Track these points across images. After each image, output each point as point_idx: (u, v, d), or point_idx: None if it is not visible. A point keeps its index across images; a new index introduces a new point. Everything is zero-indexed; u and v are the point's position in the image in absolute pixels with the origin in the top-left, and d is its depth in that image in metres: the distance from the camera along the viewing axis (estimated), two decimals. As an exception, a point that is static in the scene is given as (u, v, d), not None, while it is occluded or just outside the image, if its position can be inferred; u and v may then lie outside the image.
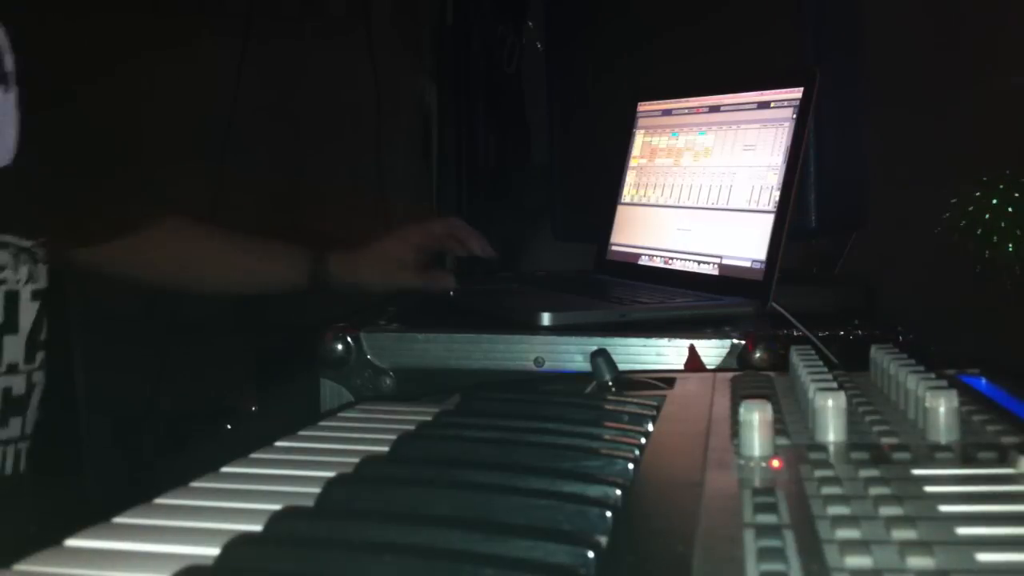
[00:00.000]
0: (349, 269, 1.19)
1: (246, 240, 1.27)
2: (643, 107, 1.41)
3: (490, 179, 2.01)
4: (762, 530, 0.41)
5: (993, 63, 1.90)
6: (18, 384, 1.00)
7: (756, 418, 0.53)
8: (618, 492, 0.46)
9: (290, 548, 0.41)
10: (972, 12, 1.90)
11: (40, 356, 1.02)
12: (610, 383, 0.74)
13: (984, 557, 0.38)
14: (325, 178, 2.00)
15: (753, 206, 1.15)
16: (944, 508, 0.44)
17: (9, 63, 0.97)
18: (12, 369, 0.99)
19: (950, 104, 1.91)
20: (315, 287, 1.19)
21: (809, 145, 1.16)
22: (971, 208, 1.45)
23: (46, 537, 0.43)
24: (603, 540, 0.42)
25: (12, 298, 0.98)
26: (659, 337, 0.98)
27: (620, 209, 1.39)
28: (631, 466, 0.51)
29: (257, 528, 0.43)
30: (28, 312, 1.00)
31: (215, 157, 1.86)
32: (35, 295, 1.01)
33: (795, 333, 1.11)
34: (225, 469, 0.54)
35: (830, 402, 0.56)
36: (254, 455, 0.57)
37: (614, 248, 1.38)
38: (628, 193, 1.38)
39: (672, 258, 1.26)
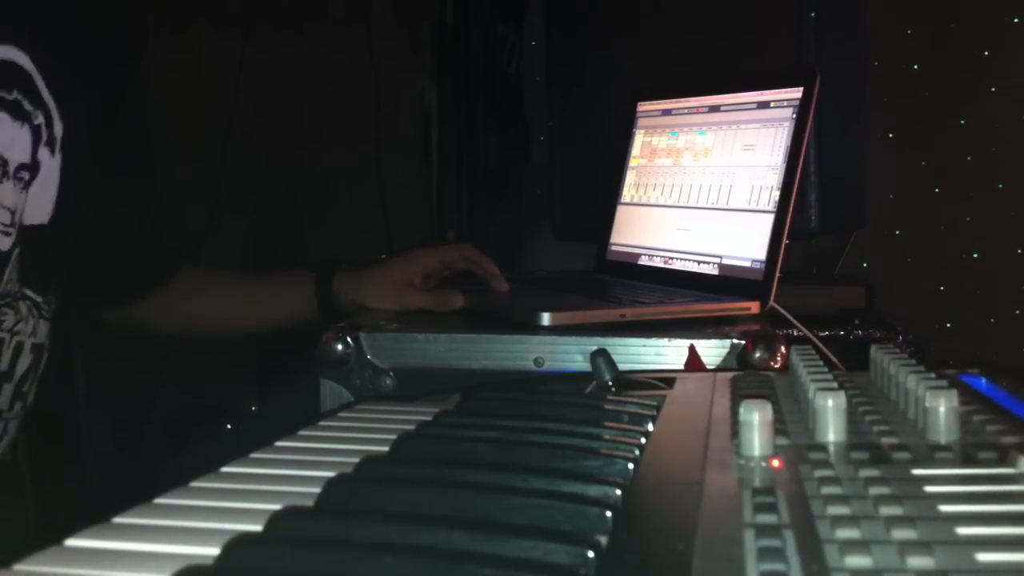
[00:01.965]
0: (356, 291, 1.19)
1: (254, 281, 1.29)
2: (643, 107, 1.41)
3: (490, 179, 2.01)
4: (762, 530, 0.41)
5: (993, 63, 1.90)
6: None
7: (756, 418, 0.52)
8: (618, 492, 0.46)
9: (290, 548, 0.41)
10: (972, 13, 1.90)
11: (18, 406, 1.03)
12: (610, 383, 0.74)
13: (984, 557, 0.38)
14: (325, 178, 2.00)
15: (753, 206, 1.15)
16: (944, 508, 0.44)
17: (59, 129, 1.02)
18: None
19: (950, 104, 1.91)
20: (325, 314, 1.20)
21: (809, 145, 1.16)
22: None
23: (46, 537, 0.43)
24: (603, 540, 0.42)
25: (18, 349, 1.01)
26: (659, 337, 0.98)
27: (620, 209, 1.39)
28: (631, 466, 0.51)
29: (257, 528, 0.43)
30: (23, 363, 1.02)
31: (215, 157, 1.86)
32: (32, 348, 1.03)
33: (795, 333, 1.11)
34: (225, 469, 0.54)
35: (830, 402, 0.56)
36: (254, 455, 0.57)
37: (614, 248, 1.38)
38: (628, 193, 1.38)
39: (672, 258, 1.26)
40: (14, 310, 0.99)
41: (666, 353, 0.98)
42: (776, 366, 0.93)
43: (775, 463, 0.51)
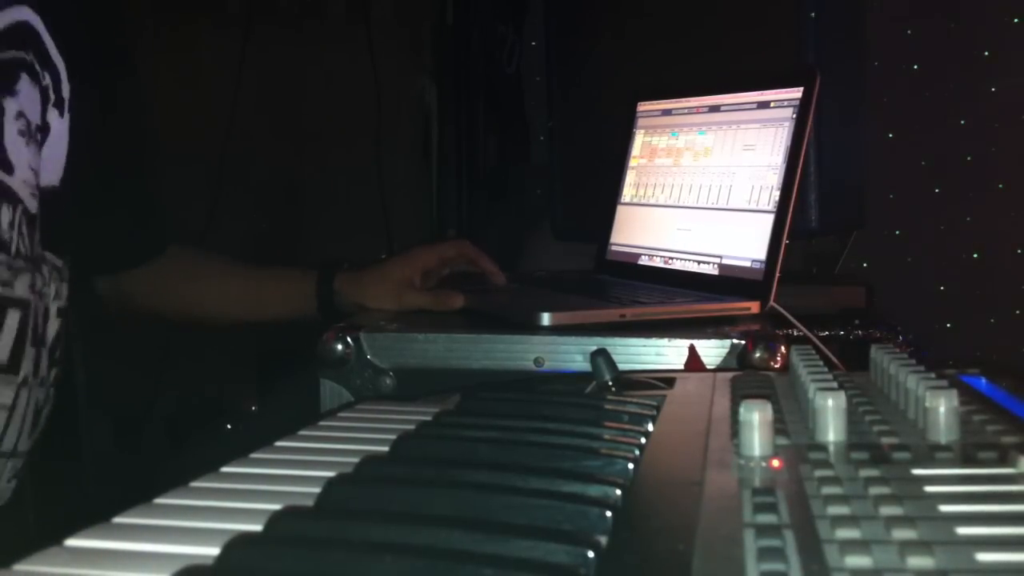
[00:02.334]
0: (356, 291, 1.19)
1: (256, 272, 1.29)
2: (643, 107, 1.41)
3: (490, 179, 2.01)
4: (762, 530, 0.41)
5: (993, 63, 1.90)
6: (40, 397, 1.01)
7: (756, 418, 0.52)
8: (618, 492, 0.46)
9: (290, 548, 0.41)
10: (972, 13, 1.90)
11: (54, 372, 1.03)
12: (610, 383, 0.74)
13: (984, 557, 0.38)
14: (325, 178, 2.00)
15: (753, 206, 1.15)
16: (944, 508, 0.44)
17: (66, 90, 1.02)
18: (40, 382, 1.00)
19: (950, 104, 1.91)
20: (324, 312, 1.20)
21: (809, 145, 1.16)
22: None
23: (46, 537, 0.43)
24: (603, 540, 0.42)
25: (45, 314, 1.01)
26: (659, 337, 0.98)
27: (620, 209, 1.39)
28: (631, 466, 0.51)
29: (257, 528, 0.43)
30: (52, 328, 1.02)
31: (215, 157, 1.86)
32: (59, 312, 1.03)
33: (795, 333, 1.11)
34: (225, 469, 0.54)
35: (830, 402, 0.56)
36: (254, 455, 0.57)
37: (614, 248, 1.38)
38: (628, 193, 1.38)
39: (672, 258, 1.26)
40: (41, 274, 1.00)
41: (666, 353, 0.98)
42: (776, 366, 0.93)
43: (775, 463, 0.51)
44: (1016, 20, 1.89)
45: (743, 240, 1.16)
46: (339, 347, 1.02)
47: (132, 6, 1.77)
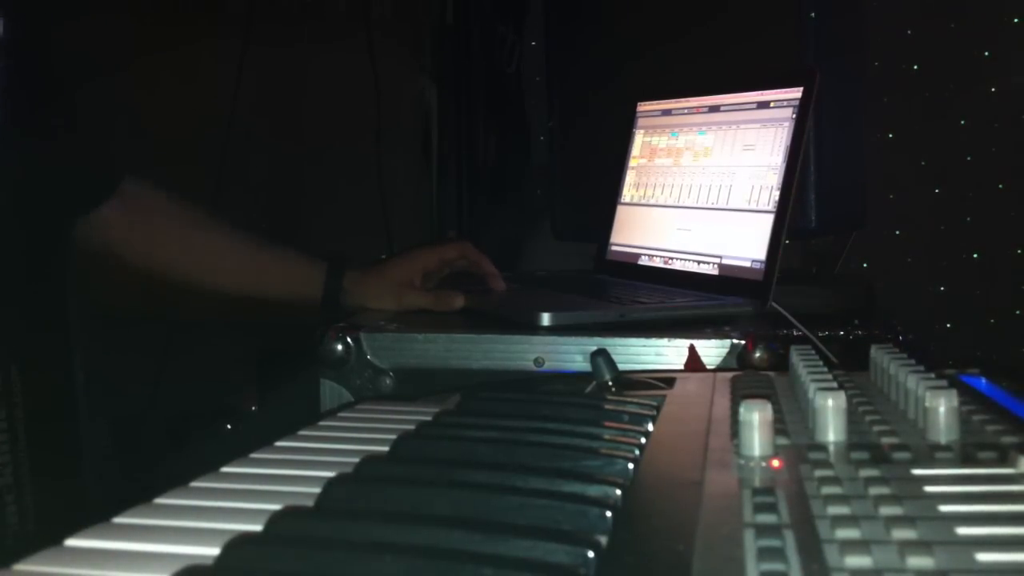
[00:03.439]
0: (357, 290, 1.19)
1: (263, 247, 1.26)
2: (643, 107, 1.41)
3: (490, 179, 2.01)
4: (762, 530, 0.41)
5: (993, 63, 1.90)
6: None
7: (756, 418, 0.53)
8: (618, 492, 0.46)
9: (290, 548, 0.41)
10: (972, 13, 1.90)
11: None
12: (610, 383, 0.74)
13: (984, 557, 0.38)
14: (325, 178, 2.00)
15: (753, 206, 1.15)
16: (944, 508, 0.44)
17: None
18: None
19: (950, 104, 1.91)
20: (326, 304, 1.19)
21: (809, 145, 1.16)
22: None
23: (46, 537, 0.43)
24: (603, 540, 0.42)
25: None
26: (659, 337, 0.98)
27: (620, 209, 1.39)
28: (631, 466, 0.51)
29: (257, 528, 0.43)
30: None
31: (215, 158, 1.86)
32: None
33: (795, 333, 1.11)
34: (225, 469, 0.54)
35: (830, 402, 0.56)
36: (254, 455, 0.57)
37: (614, 248, 1.38)
38: (628, 193, 1.38)
39: (672, 258, 1.26)
40: None
41: (666, 353, 0.98)
42: (776, 366, 0.93)
43: (775, 463, 0.51)
44: (1016, 20, 1.89)
45: (743, 240, 1.16)
46: (339, 347, 1.02)
47: (132, 5, 1.77)
